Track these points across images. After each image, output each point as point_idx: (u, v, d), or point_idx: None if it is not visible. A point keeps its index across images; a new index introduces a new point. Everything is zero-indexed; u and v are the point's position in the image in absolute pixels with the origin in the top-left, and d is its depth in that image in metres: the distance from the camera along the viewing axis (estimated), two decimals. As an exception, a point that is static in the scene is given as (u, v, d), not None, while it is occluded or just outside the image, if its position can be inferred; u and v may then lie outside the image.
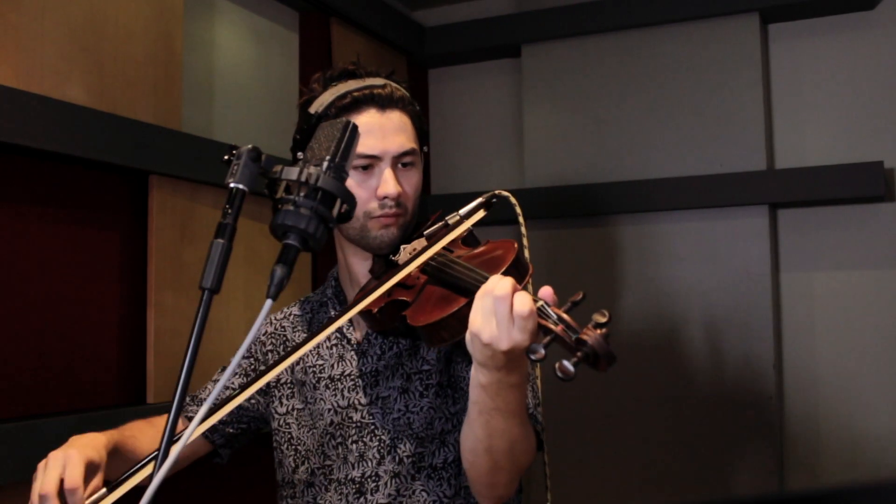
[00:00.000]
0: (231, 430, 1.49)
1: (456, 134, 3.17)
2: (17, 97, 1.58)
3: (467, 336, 1.08)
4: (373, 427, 1.35)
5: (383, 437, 1.33)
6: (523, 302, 1.02)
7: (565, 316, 1.02)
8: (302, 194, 0.90)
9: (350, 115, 1.32)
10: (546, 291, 1.06)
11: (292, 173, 0.92)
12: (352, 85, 1.35)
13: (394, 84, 1.38)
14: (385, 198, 1.31)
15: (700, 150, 2.65)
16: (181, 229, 1.97)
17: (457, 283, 1.17)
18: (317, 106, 1.34)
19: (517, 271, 1.16)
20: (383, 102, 1.33)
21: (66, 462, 1.14)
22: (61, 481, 1.13)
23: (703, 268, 2.62)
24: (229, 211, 0.89)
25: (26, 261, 1.67)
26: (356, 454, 1.34)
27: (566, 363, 0.95)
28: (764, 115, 2.60)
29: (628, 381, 2.67)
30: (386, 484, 1.32)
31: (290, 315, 1.51)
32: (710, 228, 2.62)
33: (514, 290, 1.04)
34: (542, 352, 0.97)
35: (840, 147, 2.61)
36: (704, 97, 2.66)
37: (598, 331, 0.98)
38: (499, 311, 1.03)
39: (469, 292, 1.12)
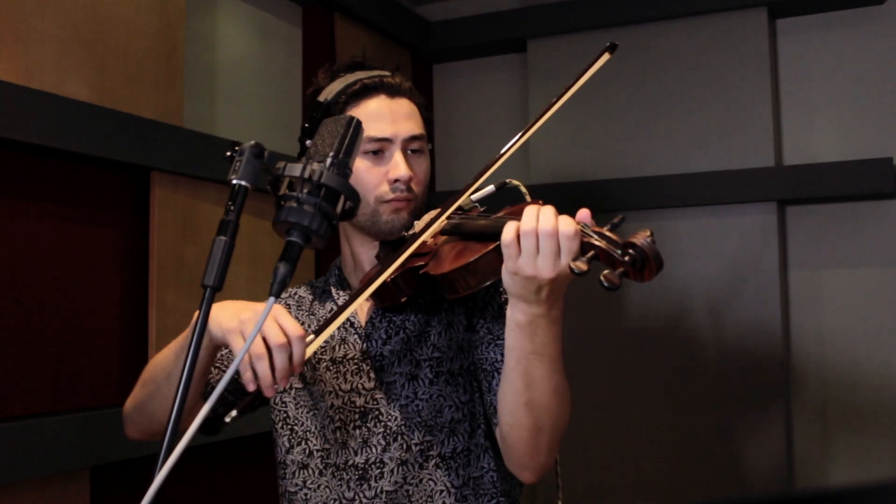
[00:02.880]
0: (230, 399, 1.45)
1: (461, 129, 3.16)
2: (17, 93, 1.56)
3: (505, 272, 1.07)
4: (377, 413, 1.32)
5: (389, 423, 1.31)
6: (567, 223, 1.03)
7: (608, 233, 1.03)
8: (305, 191, 0.89)
9: (360, 100, 1.33)
10: (584, 214, 1.07)
11: (295, 170, 0.91)
12: (360, 74, 1.36)
13: (401, 76, 1.40)
14: (397, 181, 1.31)
15: (707, 147, 2.63)
16: (183, 226, 1.95)
17: (483, 231, 1.16)
18: (326, 94, 1.35)
19: None
20: (392, 90, 1.35)
21: (277, 315, 1.11)
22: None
23: (711, 265, 2.60)
24: (232, 208, 0.88)
25: (26, 258, 1.66)
26: (359, 440, 1.32)
27: (611, 273, 0.96)
28: (772, 111, 2.58)
29: (635, 378, 2.65)
30: (392, 471, 1.30)
31: (294, 294, 1.49)
32: (717, 225, 2.60)
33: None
34: (586, 267, 0.97)
35: (849, 143, 2.59)
36: (712, 93, 2.64)
37: (645, 234, 0.99)
38: (543, 238, 1.03)
39: (496, 235, 1.10)
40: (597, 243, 1.01)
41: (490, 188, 1.32)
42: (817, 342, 2.59)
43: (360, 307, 1.39)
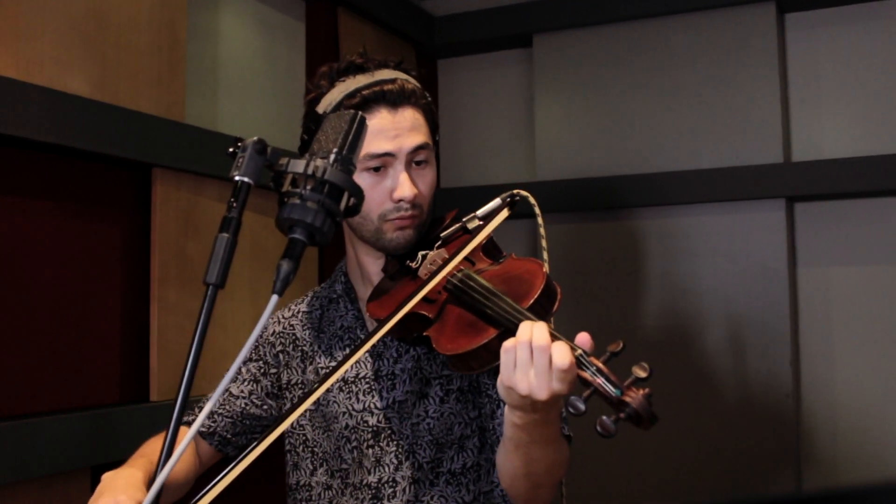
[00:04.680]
0: (243, 441, 1.45)
1: (466, 126, 3.13)
2: (17, 88, 1.54)
3: (500, 386, 1.06)
4: (389, 432, 1.32)
5: (401, 442, 1.31)
6: (563, 354, 1.00)
7: (605, 368, 1.00)
8: (308, 187, 0.89)
9: None
10: (584, 339, 1.04)
11: (298, 166, 0.90)
12: (361, 81, 1.30)
13: (403, 77, 1.34)
14: (401, 200, 1.28)
15: (715, 143, 2.61)
16: (185, 223, 1.94)
17: (484, 312, 1.14)
18: (325, 105, 1.31)
19: (547, 299, 1.13)
20: (394, 100, 1.29)
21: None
22: None
23: (719, 262, 2.58)
24: (234, 204, 0.88)
25: (26, 256, 1.64)
26: (372, 459, 1.32)
27: (607, 421, 0.94)
28: (780, 107, 2.56)
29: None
30: (404, 490, 1.30)
31: (298, 313, 1.46)
32: (725, 222, 2.58)
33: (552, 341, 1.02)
34: (583, 407, 0.96)
35: (859, 139, 2.56)
36: (720, 88, 2.62)
37: (641, 391, 0.97)
38: (538, 364, 1.01)
39: (499, 324, 1.09)
40: (592, 381, 0.99)
41: (496, 202, 1.29)
42: (826, 341, 2.56)
43: (372, 325, 1.38)
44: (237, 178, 0.88)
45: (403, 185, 1.27)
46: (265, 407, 1.43)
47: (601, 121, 2.77)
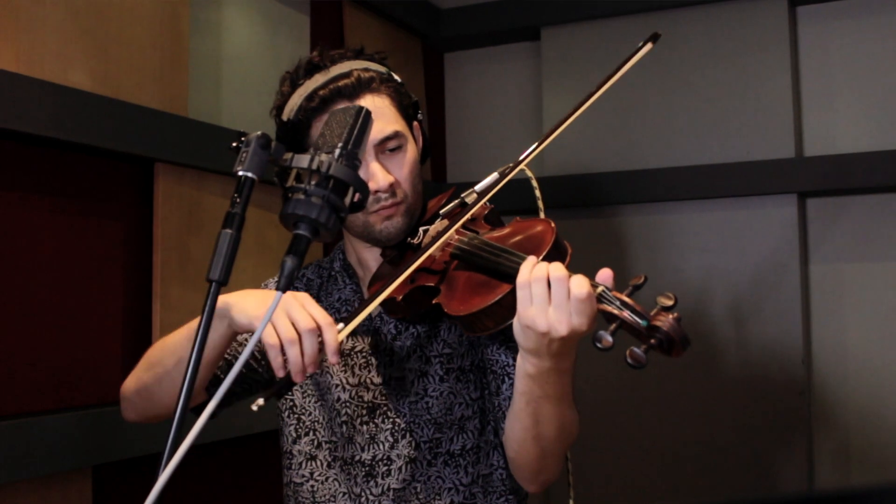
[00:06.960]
0: (237, 390, 1.39)
1: (473, 120, 3.11)
2: (17, 82, 1.53)
3: (516, 327, 1.05)
4: (386, 409, 1.30)
5: (398, 420, 1.30)
6: (580, 284, 1.00)
7: (629, 300, 0.99)
8: (313, 183, 0.88)
9: (320, 115, 1.27)
10: (605, 274, 1.03)
11: (303, 161, 0.90)
12: (318, 80, 1.29)
13: (361, 66, 1.32)
14: (377, 191, 1.27)
15: (726, 138, 2.59)
16: (188, 219, 1.92)
17: (496, 268, 1.12)
18: (288, 112, 1.31)
19: (558, 253, 1.12)
20: (350, 93, 1.28)
21: (304, 302, 1.12)
22: None
23: (730, 259, 2.57)
24: (238, 200, 0.87)
25: (27, 252, 1.62)
26: (366, 436, 1.30)
27: (637, 350, 0.92)
28: (792, 101, 2.54)
29: (653, 375, 2.60)
30: (400, 469, 1.28)
31: (302, 276, 1.46)
32: (736, 218, 2.56)
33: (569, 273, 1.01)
34: (611, 339, 0.94)
35: (871, 134, 2.54)
36: (731, 82, 2.60)
37: (671, 315, 0.95)
38: (556, 296, 1.00)
39: (511, 277, 1.07)
40: (619, 315, 0.97)
41: (494, 175, 1.27)
42: (839, 338, 2.54)
43: None
44: (240, 173, 0.88)
45: (376, 176, 1.26)
46: (253, 364, 1.40)
47: (610, 115, 2.74)
